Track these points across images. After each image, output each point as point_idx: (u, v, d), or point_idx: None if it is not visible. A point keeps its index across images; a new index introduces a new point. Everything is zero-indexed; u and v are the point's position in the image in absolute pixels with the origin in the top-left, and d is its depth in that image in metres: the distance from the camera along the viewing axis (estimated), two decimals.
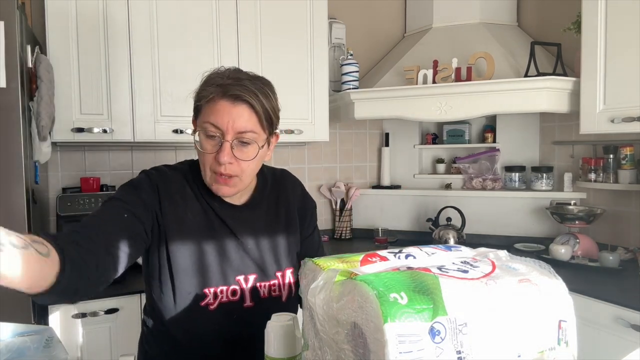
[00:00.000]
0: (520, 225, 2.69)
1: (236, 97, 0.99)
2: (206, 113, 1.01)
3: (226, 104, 0.99)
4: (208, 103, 1.01)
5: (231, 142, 1.00)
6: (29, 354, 0.80)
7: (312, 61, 2.52)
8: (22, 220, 1.61)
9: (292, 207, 1.20)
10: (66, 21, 2.01)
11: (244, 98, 0.99)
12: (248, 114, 1.00)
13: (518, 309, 0.65)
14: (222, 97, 1.00)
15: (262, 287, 1.12)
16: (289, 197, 1.21)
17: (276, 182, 1.21)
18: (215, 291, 1.09)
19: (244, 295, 1.11)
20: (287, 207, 1.20)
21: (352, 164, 3.08)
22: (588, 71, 2.20)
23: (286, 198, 1.20)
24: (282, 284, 1.14)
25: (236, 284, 1.11)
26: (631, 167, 2.28)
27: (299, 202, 1.23)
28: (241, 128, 1.00)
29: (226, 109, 0.99)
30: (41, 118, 1.71)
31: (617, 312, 1.72)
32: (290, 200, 1.21)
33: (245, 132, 1.01)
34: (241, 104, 1.00)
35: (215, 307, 1.09)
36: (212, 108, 1.00)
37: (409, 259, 0.73)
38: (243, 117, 1.00)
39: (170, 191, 1.08)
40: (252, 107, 1.01)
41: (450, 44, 2.66)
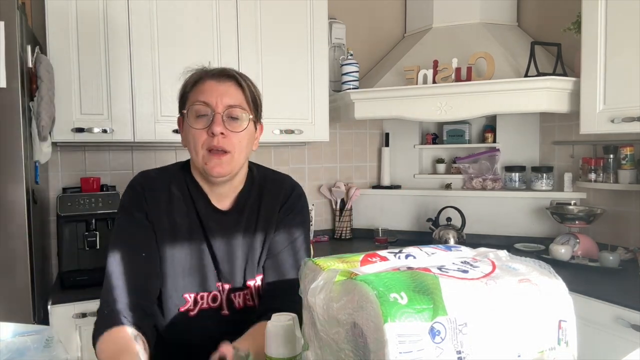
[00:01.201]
0: (520, 225, 2.69)
1: (221, 73, 1.06)
2: (194, 94, 1.05)
3: (213, 82, 1.05)
4: (195, 85, 1.06)
5: (222, 115, 1.03)
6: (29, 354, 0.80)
7: (312, 61, 2.52)
8: (22, 220, 1.61)
9: (272, 216, 1.15)
10: (66, 21, 2.01)
11: (229, 73, 1.06)
12: (235, 90, 1.05)
13: (518, 309, 0.65)
14: (208, 77, 1.06)
15: (237, 297, 1.12)
16: (271, 205, 1.16)
17: (262, 187, 1.17)
18: (195, 297, 1.09)
19: (222, 303, 1.11)
20: (267, 214, 1.15)
21: (352, 164, 3.08)
22: (588, 71, 2.20)
23: (268, 205, 1.16)
24: (255, 292, 1.13)
25: (217, 289, 1.11)
26: (631, 167, 2.28)
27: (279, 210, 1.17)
28: (230, 102, 1.04)
29: (213, 86, 1.04)
30: (41, 118, 1.71)
31: (617, 312, 1.72)
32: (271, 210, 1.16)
33: (234, 106, 1.04)
34: (227, 80, 1.05)
35: (195, 314, 1.09)
36: (199, 89, 1.05)
37: (409, 259, 0.73)
38: (230, 92, 1.05)
39: (157, 197, 1.10)
40: (238, 83, 1.06)
41: (450, 44, 2.66)
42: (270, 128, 2.35)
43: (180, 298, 1.08)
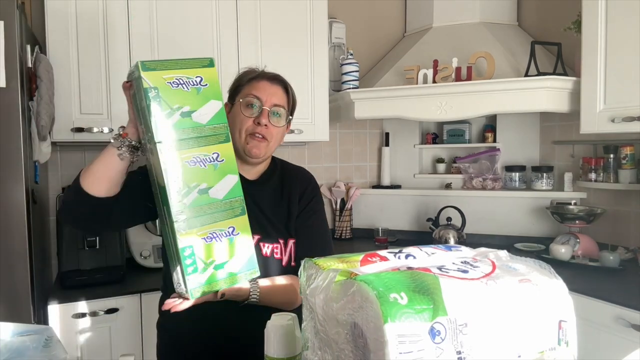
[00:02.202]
0: (520, 225, 2.69)
1: (274, 78, 1.29)
2: (248, 89, 1.26)
3: (266, 82, 1.27)
4: (250, 82, 1.27)
5: (269, 110, 1.25)
6: (29, 354, 0.80)
7: (312, 61, 2.52)
8: (22, 220, 1.61)
9: (293, 189, 1.34)
10: (66, 21, 2.01)
11: (281, 79, 1.30)
12: (282, 93, 1.29)
13: (518, 309, 0.65)
14: (263, 78, 1.28)
15: (265, 246, 1.26)
16: (291, 182, 1.36)
17: (284, 171, 1.38)
18: None
19: None
20: (289, 192, 1.34)
21: (352, 164, 3.08)
22: (588, 71, 2.20)
23: (290, 184, 1.35)
24: (284, 249, 1.29)
25: None
26: (631, 167, 2.28)
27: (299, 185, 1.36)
28: (276, 101, 1.26)
29: (266, 85, 1.27)
30: (41, 118, 1.71)
31: (618, 312, 1.72)
32: (291, 184, 1.35)
33: (279, 105, 1.27)
34: (278, 84, 1.29)
35: None
36: (254, 85, 1.27)
37: (409, 259, 0.73)
38: (278, 94, 1.28)
39: None
40: (285, 89, 1.30)
41: (450, 44, 2.66)
42: None
43: None
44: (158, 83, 0.97)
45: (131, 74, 1.03)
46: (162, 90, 0.98)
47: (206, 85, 1.02)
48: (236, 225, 1.05)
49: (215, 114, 1.03)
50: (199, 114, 1.01)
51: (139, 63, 0.97)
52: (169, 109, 0.98)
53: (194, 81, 1.01)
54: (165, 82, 0.98)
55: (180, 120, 0.99)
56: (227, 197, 1.03)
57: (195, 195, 1.00)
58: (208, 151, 1.02)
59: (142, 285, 1.96)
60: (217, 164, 1.02)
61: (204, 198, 1.00)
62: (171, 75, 0.98)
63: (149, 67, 0.97)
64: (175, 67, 0.99)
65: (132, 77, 1.03)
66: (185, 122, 0.99)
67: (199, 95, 1.01)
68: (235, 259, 1.05)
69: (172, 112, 0.98)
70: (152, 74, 0.97)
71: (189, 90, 1.00)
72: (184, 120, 0.99)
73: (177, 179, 0.98)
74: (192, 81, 1.00)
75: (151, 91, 0.97)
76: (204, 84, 1.02)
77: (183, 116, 0.99)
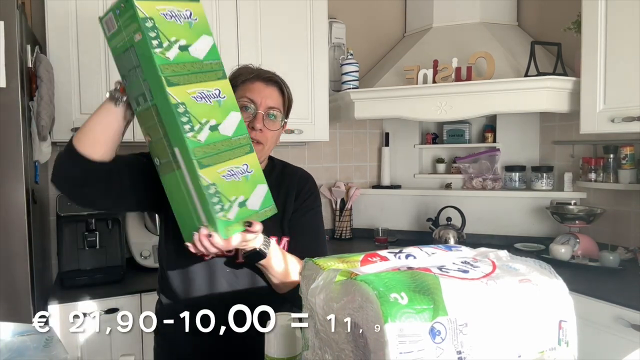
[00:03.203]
0: (520, 225, 2.69)
1: (269, 79, 1.23)
2: (242, 90, 1.21)
3: (261, 84, 1.22)
4: (244, 83, 1.22)
5: (263, 113, 1.20)
6: (29, 354, 0.80)
7: (312, 61, 2.52)
8: (22, 220, 1.61)
9: (291, 188, 1.31)
10: (66, 21, 2.01)
11: (276, 80, 1.24)
12: (277, 94, 1.24)
13: (518, 309, 0.65)
14: (257, 79, 1.22)
15: None
16: (290, 180, 1.33)
17: (283, 170, 1.36)
18: None
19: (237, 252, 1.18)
20: (286, 191, 1.31)
21: (352, 164, 3.08)
22: (588, 71, 2.20)
23: (288, 183, 1.32)
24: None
25: None
26: (631, 167, 2.28)
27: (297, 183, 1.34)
28: (271, 104, 1.22)
29: (261, 87, 1.22)
30: (41, 118, 1.72)
31: (617, 312, 1.72)
32: (289, 183, 1.32)
33: (274, 107, 1.22)
34: (273, 85, 1.23)
35: (210, 258, 1.18)
36: (248, 86, 1.22)
37: (409, 259, 0.73)
38: (273, 95, 1.23)
39: None
40: (281, 90, 1.25)
41: (450, 44, 2.66)
42: None
43: None
44: (153, 13, 0.91)
45: (114, 9, 0.95)
46: (158, 22, 0.92)
47: (196, 20, 0.98)
48: (248, 162, 1.01)
49: (209, 49, 0.99)
50: (195, 48, 0.97)
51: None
52: (167, 41, 0.93)
53: (185, 14, 0.96)
54: (159, 13, 0.92)
55: (179, 54, 0.94)
56: (236, 134, 1.00)
57: (208, 132, 0.96)
58: (210, 87, 0.97)
59: (142, 285, 1.97)
60: (220, 100, 0.99)
61: (215, 135, 0.97)
62: (163, 6, 0.93)
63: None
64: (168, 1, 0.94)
65: (116, 13, 0.95)
66: (184, 56, 0.95)
67: (191, 29, 0.97)
68: (253, 197, 1.02)
69: (170, 45, 0.93)
70: (145, 4, 0.91)
71: (182, 24, 0.95)
72: (182, 54, 0.94)
73: (188, 114, 0.94)
74: (183, 14, 0.96)
75: (148, 21, 0.91)
76: (194, 18, 0.98)
77: (181, 50, 0.94)
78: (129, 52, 0.96)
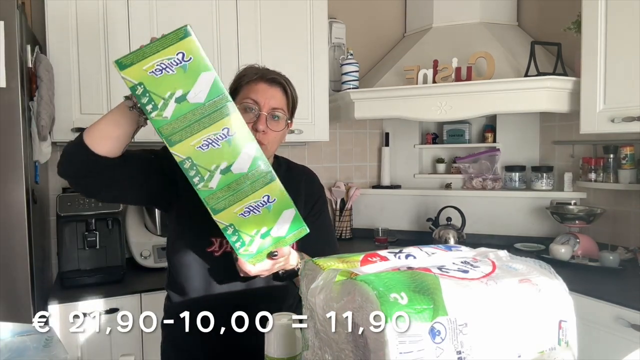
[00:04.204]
0: (520, 225, 2.69)
1: (273, 80, 1.23)
2: (246, 91, 1.21)
3: (265, 85, 1.22)
4: (248, 84, 1.22)
5: (266, 115, 1.20)
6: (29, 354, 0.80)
7: (312, 61, 2.52)
8: (22, 220, 1.61)
9: (300, 192, 1.31)
10: (66, 21, 2.01)
11: (280, 81, 1.24)
12: (281, 95, 1.23)
13: (518, 309, 0.65)
14: (261, 80, 1.22)
15: None
16: (297, 182, 1.33)
17: (289, 170, 1.36)
18: (221, 241, 1.20)
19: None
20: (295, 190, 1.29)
21: (352, 164, 3.08)
22: (588, 71, 2.20)
23: (295, 183, 1.31)
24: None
25: None
26: (631, 167, 2.28)
27: (305, 186, 1.35)
28: (275, 105, 1.21)
29: (265, 88, 1.21)
30: (41, 118, 1.72)
31: (617, 312, 1.72)
32: (297, 186, 1.31)
33: (277, 108, 1.21)
34: (276, 86, 1.23)
35: (220, 254, 1.20)
36: (252, 87, 1.21)
37: (409, 259, 0.73)
38: (277, 96, 1.22)
39: None
40: (285, 91, 1.24)
41: (450, 44, 2.66)
42: None
43: (208, 240, 1.20)
44: (141, 77, 0.90)
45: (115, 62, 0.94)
46: (148, 84, 0.90)
47: (190, 60, 0.92)
48: (270, 192, 1.00)
49: (211, 86, 0.94)
50: (194, 94, 0.93)
51: (115, 63, 0.90)
52: (162, 100, 0.91)
53: (176, 60, 0.91)
54: (148, 73, 0.90)
55: (177, 108, 0.92)
56: (251, 168, 0.98)
57: (219, 177, 0.95)
58: (217, 129, 0.94)
59: (142, 285, 1.96)
60: (230, 138, 0.95)
61: (229, 176, 0.96)
62: (151, 63, 0.90)
63: (125, 63, 0.90)
64: (152, 52, 0.90)
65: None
66: (183, 108, 0.92)
67: (186, 73, 0.92)
68: (278, 225, 1.02)
69: (165, 103, 0.91)
70: (131, 70, 0.90)
71: (175, 72, 0.91)
72: (181, 106, 0.92)
73: (195, 167, 0.94)
74: (174, 61, 0.91)
75: (137, 88, 0.90)
76: (187, 59, 0.92)
77: (178, 102, 0.92)
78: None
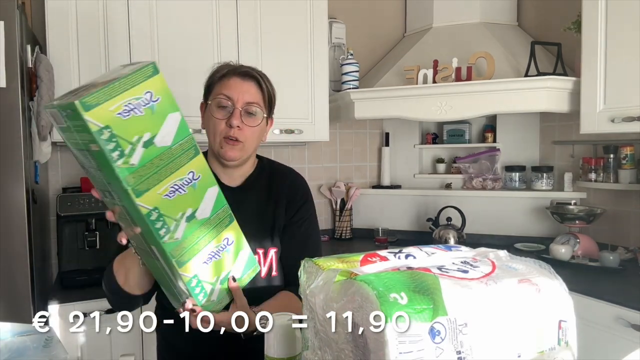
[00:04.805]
0: (520, 225, 2.69)
1: (246, 73, 1.19)
2: (219, 87, 1.18)
3: (237, 79, 1.18)
4: (221, 80, 1.19)
5: (240, 110, 1.16)
6: (29, 354, 0.80)
7: (312, 61, 2.52)
8: (22, 220, 1.61)
9: (282, 195, 1.27)
10: (66, 21, 2.01)
11: (253, 74, 1.19)
12: (255, 89, 1.19)
13: (518, 309, 0.65)
14: (233, 74, 1.18)
15: None
16: (280, 186, 1.29)
17: (272, 173, 1.31)
18: None
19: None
20: (277, 195, 1.28)
21: (352, 164, 3.08)
22: (588, 71, 2.20)
23: (278, 187, 1.28)
24: (263, 260, 1.21)
25: None
26: (631, 167, 2.28)
27: (288, 191, 1.29)
28: (249, 99, 1.17)
29: (237, 83, 1.18)
30: (41, 118, 1.72)
31: (617, 312, 1.72)
32: (280, 190, 1.28)
33: (252, 103, 1.18)
34: (250, 80, 1.19)
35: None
36: (225, 83, 1.18)
37: (409, 259, 0.73)
38: (251, 91, 1.18)
39: None
40: (259, 84, 1.20)
41: (450, 44, 2.66)
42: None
43: None
44: (108, 120, 0.78)
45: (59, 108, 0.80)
46: (115, 127, 0.78)
47: (158, 100, 0.83)
48: (229, 234, 1.00)
49: (177, 128, 0.86)
50: (161, 137, 0.84)
51: (77, 104, 0.75)
52: (129, 145, 0.80)
53: (145, 100, 0.82)
54: (115, 114, 0.78)
55: (144, 153, 0.82)
56: (214, 211, 0.95)
57: (184, 224, 0.90)
58: (183, 173, 0.88)
59: None
60: (195, 182, 0.91)
61: (193, 223, 0.91)
62: (118, 103, 0.79)
63: (90, 103, 0.76)
64: (120, 91, 0.79)
65: (62, 114, 0.80)
66: (150, 153, 0.83)
67: (154, 114, 0.83)
68: (236, 265, 1.03)
69: (133, 149, 0.81)
70: (97, 111, 0.76)
71: (143, 114, 0.82)
72: (148, 151, 0.82)
73: (162, 217, 0.86)
74: (142, 101, 0.82)
75: (103, 133, 0.77)
76: (155, 99, 0.83)
77: (146, 146, 0.82)
78: (85, 153, 0.84)
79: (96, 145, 0.78)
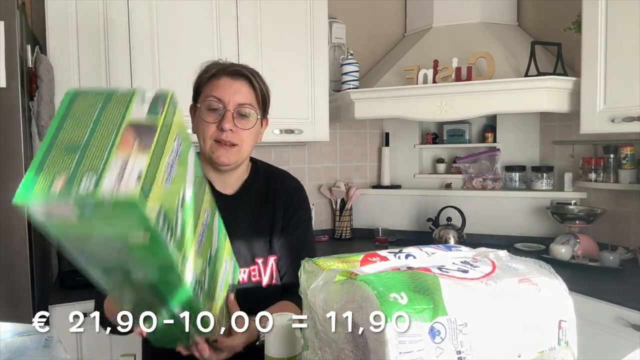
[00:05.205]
0: (520, 225, 2.69)
1: (236, 72, 1.11)
2: (209, 89, 1.11)
3: (227, 79, 1.10)
4: (210, 80, 1.11)
5: (232, 112, 1.09)
6: (29, 354, 0.80)
7: (312, 61, 2.52)
8: (22, 220, 1.61)
9: (279, 200, 1.23)
10: (66, 21, 2.01)
11: (244, 73, 1.11)
12: (247, 89, 1.11)
13: (518, 309, 0.65)
14: (223, 74, 1.10)
15: (241, 272, 1.15)
16: (277, 191, 1.25)
17: (268, 178, 1.26)
18: None
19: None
20: (274, 200, 1.24)
21: (352, 164, 3.08)
22: (588, 71, 2.20)
23: (275, 192, 1.24)
24: (263, 269, 1.19)
25: None
26: (631, 167, 2.28)
27: (285, 196, 1.25)
28: (241, 100, 1.10)
29: (227, 83, 1.10)
30: (41, 118, 1.72)
31: (617, 312, 1.72)
32: (277, 194, 1.24)
33: (245, 104, 1.10)
34: (241, 79, 1.11)
35: None
36: (214, 84, 1.10)
37: (409, 259, 0.73)
38: (242, 91, 1.11)
39: None
40: (251, 83, 1.12)
41: (450, 44, 2.66)
42: (270, 128, 2.33)
43: None
44: (160, 197, 0.59)
45: (60, 209, 0.59)
46: (164, 202, 0.61)
47: (181, 143, 0.68)
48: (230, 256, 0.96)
49: (194, 166, 0.74)
50: (188, 183, 0.71)
51: (137, 196, 0.54)
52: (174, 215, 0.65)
53: (175, 150, 0.65)
54: (164, 188, 0.61)
55: (182, 217, 0.68)
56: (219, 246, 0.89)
57: (207, 270, 0.81)
58: (202, 216, 0.78)
59: None
60: (209, 222, 0.82)
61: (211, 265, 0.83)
62: (163, 170, 0.61)
63: (146, 186, 0.56)
64: (160, 150, 0.60)
65: (62, 215, 0.61)
66: (185, 213, 0.70)
67: (181, 163, 0.68)
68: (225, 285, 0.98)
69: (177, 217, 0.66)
70: (153, 195, 0.57)
71: (177, 169, 0.66)
72: (183, 212, 0.69)
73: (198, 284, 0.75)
74: (174, 153, 0.65)
75: (160, 218, 0.59)
76: (180, 144, 0.68)
77: (182, 206, 0.69)
78: (106, 249, 0.64)
79: (143, 235, 0.58)
